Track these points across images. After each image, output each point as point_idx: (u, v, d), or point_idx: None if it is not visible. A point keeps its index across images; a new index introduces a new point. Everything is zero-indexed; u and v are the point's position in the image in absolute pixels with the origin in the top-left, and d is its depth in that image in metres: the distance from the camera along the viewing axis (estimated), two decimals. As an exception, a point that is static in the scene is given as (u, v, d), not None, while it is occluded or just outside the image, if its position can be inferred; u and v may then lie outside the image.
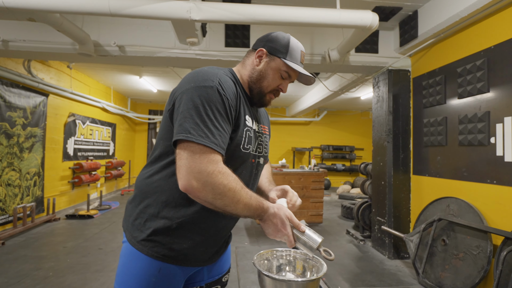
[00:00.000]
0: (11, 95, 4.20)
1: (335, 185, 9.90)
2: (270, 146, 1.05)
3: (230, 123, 0.83)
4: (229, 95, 0.83)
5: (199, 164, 0.73)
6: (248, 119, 0.92)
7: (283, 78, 0.96)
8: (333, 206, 6.68)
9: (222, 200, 0.76)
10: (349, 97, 7.61)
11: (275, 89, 0.98)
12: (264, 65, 0.94)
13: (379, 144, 3.77)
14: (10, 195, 4.19)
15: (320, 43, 3.59)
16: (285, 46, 0.94)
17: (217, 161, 0.76)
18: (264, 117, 1.14)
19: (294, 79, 0.99)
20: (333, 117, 10.02)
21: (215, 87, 0.80)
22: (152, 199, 0.89)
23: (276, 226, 0.84)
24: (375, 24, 2.57)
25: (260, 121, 1.06)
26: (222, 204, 0.77)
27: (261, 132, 1.03)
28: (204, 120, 0.76)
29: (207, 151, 0.75)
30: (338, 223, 5.16)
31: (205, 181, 0.73)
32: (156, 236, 0.87)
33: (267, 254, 1.09)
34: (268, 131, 1.12)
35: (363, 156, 10.09)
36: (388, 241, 3.48)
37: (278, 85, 0.97)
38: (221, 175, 0.75)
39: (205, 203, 0.78)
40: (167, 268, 0.88)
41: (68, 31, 2.89)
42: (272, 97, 0.99)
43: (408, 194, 3.53)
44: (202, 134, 0.75)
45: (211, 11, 2.48)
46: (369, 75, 4.16)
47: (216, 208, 0.78)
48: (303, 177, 5.06)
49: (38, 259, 3.23)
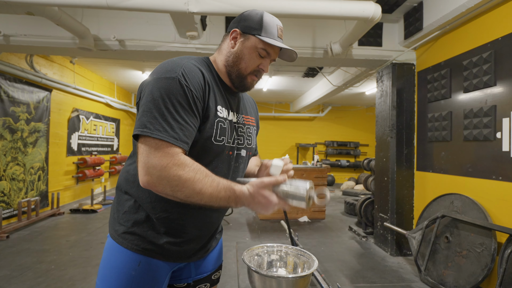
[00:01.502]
0: (15, 90, 4.23)
1: (339, 181, 9.83)
2: (273, 141, 1.03)
3: (196, 114, 0.79)
4: (194, 85, 0.79)
5: (153, 158, 0.71)
6: (221, 109, 0.88)
7: (262, 57, 0.90)
8: (336, 203, 6.63)
9: (182, 192, 0.73)
10: (353, 92, 7.51)
11: (256, 70, 0.91)
12: (240, 46, 0.89)
13: (382, 140, 3.70)
14: (14, 189, 4.24)
15: (322, 36, 3.52)
16: (259, 22, 0.88)
17: (174, 154, 0.72)
18: (250, 108, 1.09)
19: (275, 56, 0.93)
20: (337, 113, 9.92)
21: (177, 78, 0.76)
22: (131, 192, 0.88)
23: (262, 204, 0.77)
24: (377, 16, 2.51)
25: (243, 111, 1.02)
26: (184, 195, 0.73)
27: (242, 123, 0.99)
28: (163, 113, 0.73)
29: (164, 145, 0.72)
30: (341, 219, 5.11)
31: (159, 175, 0.71)
32: (136, 229, 0.86)
33: (258, 250, 1.07)
34: (254, 122, 1.08)
35: (368, 152, 9.98)
36: (390, 237, 3.43)
37: (258, 65, 0.91)
38: (176, 167, 0.71)
39: (168, 196, 0.75)
40: (147, 261, 0.86)
41: (67, 25, 2.88)
42: (255, 79, 0.93)
43: (412, 190, 3.46)
44: (159, 128, 0.72)
45: (210, 3, 2.44)
46: (373, 69, 4.08)
47: (182, 201, 0.75)
48: (306, 173, 5.02)
49: (41, 253, 3.26)
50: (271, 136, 9.67)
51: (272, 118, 9.70)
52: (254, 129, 1.07)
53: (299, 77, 6.32)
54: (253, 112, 1.10)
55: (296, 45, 3.49)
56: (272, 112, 9.58)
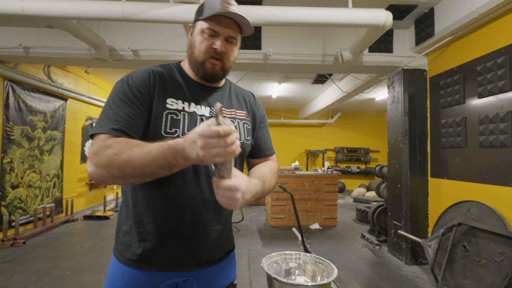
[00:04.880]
0: (32, 99, 4.37)
1: (350, 188, 9.72)
2: (282, 148, 0.95)
3: (139, 107, 0.80)
4: (137, 83, 0.82)
5: (90, 151, 0.74)
6: (173, 102, 0.85)
7: (212, 37, 0.85)
8: (347, 210, 6.55)
9: (115, 169, 0.69)
10: (363, 98, 7.48)
11: (210, 52, 0.85)
12: (190, 37, 0.90)
13: (394, 146, 3.67)
14: (31, 196, 4.34)
15: (332, 43, 3.54)
16: (201, 7, 0.87)
17: (105, 139, 0.73)
18: (241, 103, 1.01)
19: (228, 31, 0.85)
20: (347, 119, 9.86)
21: (124, 81, 0.83)
22: (123, 201, 0.93)
23: (197, 144, 0.62)
24: (388, 23, 2.51)
25: (223, 105, 0.93)
26: (119, 171, 0.69)
27: (207, 116, 0.91)
28: (107, 113, 0.78)
29: (101, 137, 0.74)
30: (352, 226, 5.04)
31: (96, 162, 0.71)
32: (123, 239, 0.88)
33: (276, 257, 1.07)
34: (245, 116, 0.99)
35: (379, 158, 9.87)
36: (405, 246, 3.37)
37: (211, 46, 0.85)
38: (104, 149, 0.71)
39: (112, 181, 0.72)
40: (130, 273, 0.85)
41: (85, 37, 2.98)
42: (215, 62, 0.86)
43: (426, 197, 3.40)
44: (102, 124, 0.76)
45: (222, 14, 2.49)
46: (383, 76, 4.07)
47: (125, 181, 0.72)
48: (317, 180, 4.99)
49: (56, 259, 3.32)
50: (280, 142, 9.67)
51: (281, 124, 9.71)
52: (243, 122, 0.97)
53: (309, 83, 6.33)
54: (246, 106, 1.02)
55: (306, 52, 3.52)
56: (281, 118, 9.60)
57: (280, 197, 4.91)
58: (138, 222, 0.86)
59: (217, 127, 0.62)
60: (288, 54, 3.52)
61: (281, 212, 4.91)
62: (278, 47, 3.52)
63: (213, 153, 0.62)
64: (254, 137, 1.01)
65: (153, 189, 0.85)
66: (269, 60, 3.52)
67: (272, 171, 0.98)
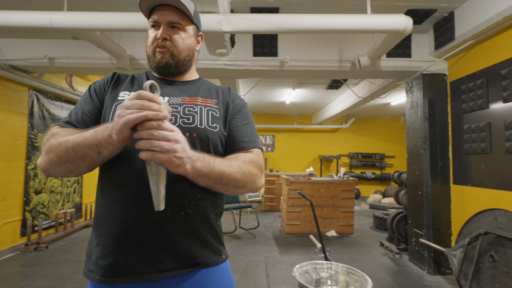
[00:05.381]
0: (55, 107, 4.53)
1: (365, 194, 9.55)
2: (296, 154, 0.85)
3: (92, 102, 0.85)
4: (97, 84, 0.89)
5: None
6: (124, 94, 0.86)
7: (155, 27, 0.86)
8: (364, 216, 6.43)
9: (52, 152, 0.70)
10: (378, 103, 7.38)
11: (154, 43, 0.86)
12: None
13: (414, 152, 3.59)
14: (53, 201, 4.47)
15: (349, 49, 3.53)
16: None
17: (54, 129, 0.77)
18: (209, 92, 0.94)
19: (166, 19, 0.84)
20: (361, 124, 9.74)
21: (91, 85, 0.90)
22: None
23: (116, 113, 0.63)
24: (408, 28, 2.49)
25: (181, 95, 0.89)
26: (55, 155, 0.69)
27: (177, 104, 0.86)
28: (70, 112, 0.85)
29: (52, 129, 0.78)
30: (370, 234, 4.94)
31: (44, 152, 0.73)
32: (87, 249, 0.83)
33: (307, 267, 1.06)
34: (211, 103, 0.90)
35: (395, 164, 9.68)
36: (427, 255, 3.27)
37: (155, 37, 0.85)
38: (49, 136, 0.75)
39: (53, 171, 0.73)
40: (92, 285, 0.77)
41: (107, 47, 3.07)
42: (161, 51, 0.86)
43: (448, 205, 3.31)
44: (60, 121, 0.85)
45: (241, 23, 2.53)
46: (401, 80, 4.01)
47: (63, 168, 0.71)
48: (333, 186, 4.93)
49: (78, 263, 3.39)
50: (293, 148, 9.63)
51: (294, 130, 9.68)
52: (207, 109, 0.87)
53: (323, 89, 6.31)
54: (218, 96, 0.94)
55: (323, 58, 3.52)
56: (294, 124, 9.57)
57: (295, 204, 4.87)
58: (95, 224, 0.80)
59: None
60: (304, 60, 3.52)
61: (297, 219, 4.87)
62: (295, 53, 3.53)
63: (125, 113, 0.60)
64: (227, 127, 0.90)
65: (107, 184, 0.80)
66: (286, 67, 3.53)
67: (246, 159, 0.82)
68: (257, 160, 0.85)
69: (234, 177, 0.76)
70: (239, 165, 0.78)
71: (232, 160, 0.79)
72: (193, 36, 0.92)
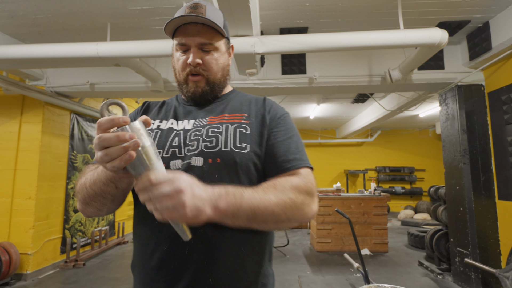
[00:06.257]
0: (92, 129, 4.79)
1: (394, 210, 9.17)
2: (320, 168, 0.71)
3: None
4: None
5: None
6: (154, 122, 0.80)
7: (184, 52, 0.78)
8: (396, 234, 6.16)
9: (79, 193, 0.67)
10: (405, 115, 7.19)
11: (186, 68, 0.78)
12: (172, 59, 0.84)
13: (452, 166, 3.44)
14: (89, 220, 4.64)
15: (378, 63, 3.52)
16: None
17: (85, 168, 0.74)
18: (234, 107, 0.82)
19: (196, 41, 0.76)
20: (387, 137, 9.50)
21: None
22: None
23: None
24: (444, 41, 2.45)
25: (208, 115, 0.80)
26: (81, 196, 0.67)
27: (201, 126, 0.76)
28: None
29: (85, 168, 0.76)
30: (406, 252, 4.71)
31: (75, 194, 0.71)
32: None
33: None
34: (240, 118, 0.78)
35: (426, 177, 9.27)
36: (474, 276, 3.06)
37: (186, 62, 0.77)
38: (79, 176, 0.71)
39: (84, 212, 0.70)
40: None
41: (144, 72, 3.25)
42: (195, 79, 0.78)
43: (495, 221, 3.11)
44: None
45: (273, 44, 2.60)
46: (432, 92, 3.92)
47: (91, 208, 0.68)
48: (364, 202, 4.79)
49: (114, 281, 3.46)
50: (317, 163, 9.51)
51: (318, 145, 9.59)
52: (235, 126, 0.75)
53: (348, 103, 6.26)
54: (249, 108, 0.81)
55: (352, 73, 3.52)
56: (318, 139, 9.50)
57: (325, 221, 4.77)
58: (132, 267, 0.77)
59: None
60: (333, 76, 3.54)
61: (328, 236, 4.74)
62: (323, 69, 3.56)
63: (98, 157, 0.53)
64: (264, 145, 0.75)
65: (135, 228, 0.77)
66: (315, 84, 3.56)
67: (287, 185, 0.66)
68: (304, 184, 0.68)
69: (272, 212, 0.62)
70: (278, 195, 0.63)
71: (268, 190, 0.64)
72: (225, 52, 0.83)
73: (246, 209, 0.60)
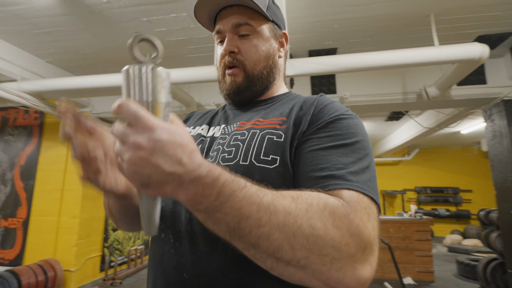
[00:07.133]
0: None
1: (439, 234, 8.45)
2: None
3: None
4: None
5: None
6: (191, 130, 0.70)
7: (221, 42, 0.67)
8: (443, 261, 5.63)
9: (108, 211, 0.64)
10: (446, 132, 6.77)
11: (222, 62, 0.66)
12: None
13: (504, 188, 3.14)
14: (126, 238, 4.83)
15: (413, 80, 3.40)
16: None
17: None
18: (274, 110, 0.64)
19: (230, 23, 0.64)
20: (427, 155, 8.95)
21: None
22: None
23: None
24: (485, 56, 2.32)
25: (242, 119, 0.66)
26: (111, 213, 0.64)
27: (227, 134, 0.63)
28: None
29: None
30: (456, 283, 4.27)
31: None
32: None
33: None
34: (266, 124, 0.60)
35: (473, 199, 8.51)
36: (540, 315, 2.68)
37: (221, 54, 0.66)
38: None
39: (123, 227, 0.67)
40: None
41: (179, 97, 3.43)
42: (230, 73, 0.65)
43: (561, 252, 2.74)
44: None
45: (303, 66, 2.63)
46: (475, 108, 3.67)
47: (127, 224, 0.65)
48: (404, 226, 4.48)
49: (148, 301, 3.51)
50: (351, 183, 9.16)
51: (351, 164, 9.28)
52: (264, 133, 0.57)
53: (381, 121, 6.06)
54: (290, 111, 0.61)
55: (385, 92, 3.43)
56: (350, 158, 9.20)
57: (362, 245, 4.50)
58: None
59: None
60: (365, 95, 3.48)
61: (365, 262, 4.46)
62: (354, 88, 3.52)
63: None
64: (294, 154, 0.54)
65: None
66: (346, 103, 3.51)
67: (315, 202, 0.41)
68: (347, 214, 0.41)
69: (268, 233, 0.38)
70: (291, 208, 0.40)
71: (286, 198, 0.41)
72: (270, 38, 0.66)
73: (232, 209, 0.37)
